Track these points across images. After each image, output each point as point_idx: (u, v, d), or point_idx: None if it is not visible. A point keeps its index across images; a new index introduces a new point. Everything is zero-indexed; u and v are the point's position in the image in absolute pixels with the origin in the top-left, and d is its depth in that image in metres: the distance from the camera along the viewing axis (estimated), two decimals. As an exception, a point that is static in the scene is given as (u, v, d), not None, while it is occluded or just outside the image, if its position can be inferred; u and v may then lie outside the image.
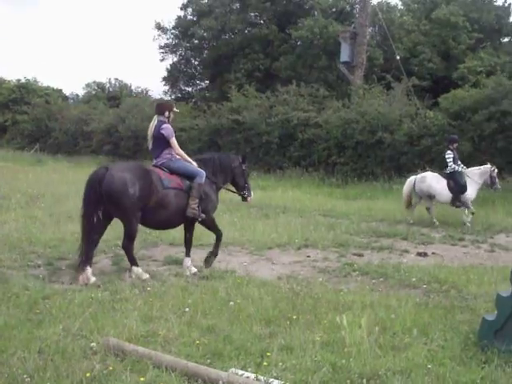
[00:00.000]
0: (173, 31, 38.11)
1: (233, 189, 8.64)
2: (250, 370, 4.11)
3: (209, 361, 4.33)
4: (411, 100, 22.88)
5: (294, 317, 5.34)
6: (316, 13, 32.35)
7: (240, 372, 3.99)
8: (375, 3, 30.03)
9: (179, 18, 37.68)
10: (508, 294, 4.37)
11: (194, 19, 36.60)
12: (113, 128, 31.58)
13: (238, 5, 35.12)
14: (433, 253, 9.64)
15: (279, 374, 4.07)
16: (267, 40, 32.77)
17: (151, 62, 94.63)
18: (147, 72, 77.63)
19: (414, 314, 5.38)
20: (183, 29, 36.87)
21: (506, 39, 34.06)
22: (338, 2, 31.96)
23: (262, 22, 34.96)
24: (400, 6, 35.27)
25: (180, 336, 4.84)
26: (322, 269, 8.09)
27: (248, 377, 3.92)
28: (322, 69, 30.23)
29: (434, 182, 13.06)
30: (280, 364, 4.22)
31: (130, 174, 7.13)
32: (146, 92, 42.53)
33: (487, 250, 10.02)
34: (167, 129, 7.66)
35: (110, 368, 4.12)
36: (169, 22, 41.97)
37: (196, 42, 37.06)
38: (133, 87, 44.99)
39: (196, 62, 38.70)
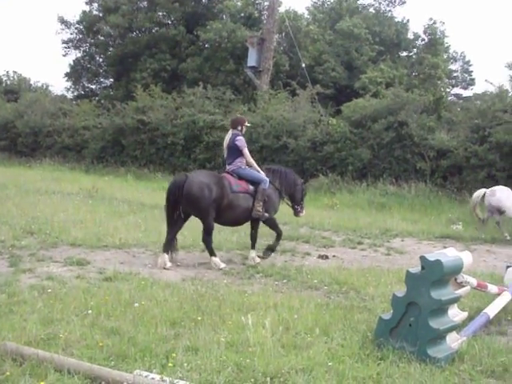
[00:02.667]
0: (77, 26, 37.03)
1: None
2: (155, 371, 4.11)
3: (113, 363, 4.28)
4: (315, 107, 23.48)
5: (199, 318, 5.37)
6: (224, 16, 32.56)
7: (145, 373, 3.97)
8: (283, 11, 30.61)
9: (84, 12, 36.62)
10: (403, 294, 4.62)
11: (100, 15, 35.72)
12: (10, 123, 30.25)
13: (145, 3, 34.64)
14: (333, 256, 9.96)
15: (184, 374, 4.09)
16: (175, 41, 32.54)
17: (53, 57, 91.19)
18: (49, 67, 74.91)
19: (316, 315, 5.55)
20: (88, 24, 35.86)
21: (405, 53, 35.76)
22: (247, 7, 32.27)
23: (169, 22, 34.68)
24: (306, 15, 36.20)
25: (82, 338, 4.74)
26: (226, 271, 8.17)
27: (153, 378, 3.91)
28: (229, 72, 30.43)
29: (504, 196, 12.66)
30: (185, 365, 4.24)
31: (206, 179, 8.45)
32: (47, 87, 41.13)
33: (384, 253, 10.47)
34: (241, 141, 8.89)
35: (7, 373, 3.98)
36: (73, 16, 40.84)
37: (101, 38, 36.17)
38: (32, 81, 43.37)
39: (101, 59, 37.71)
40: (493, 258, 10.66)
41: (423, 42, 34.85)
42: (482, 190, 13.07)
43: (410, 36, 35.17)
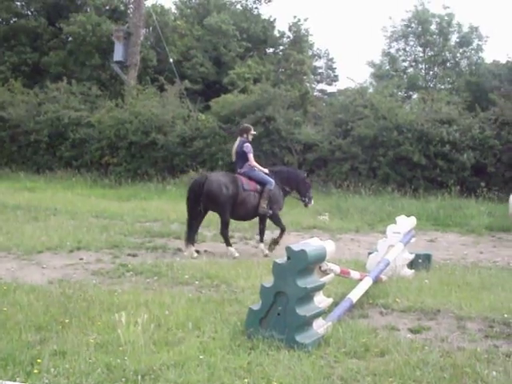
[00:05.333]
0: None
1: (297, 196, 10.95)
2: (19, 379, 3.91)
3: (-27, 373, 4.03)
4: (184, 102, 23.41)
5: (67, 320, 5.18)
6: (89, 9, 31.46)
7: (8, 383, 3.77)
8: (149, 5, 30.19)
9: None
10: (270, 284, 4.74)
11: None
12: None
13: (2, -8, 32.69)
14: (205, 250, 10.02)
15: (51, 380, 3.93)
16: (36, 33, 30.88)
17: None
18: None
19: (187, 310, 5.55)
20: None
21: (271, 50, 36.60)
22: (112, 0, 31.44)
23: (29, 13, 32.97)
24: (174, 10, 35.91)
25: None
26: (95, 271, 7.94)
27: (17, 386, 3.73)
28: (95, 67, 29.51)
29: None
30: (52, 370, 4.08)
31: (224, 179, 9.68)
32: None
33: (254, 246, 10.69)
34: (247, 147, 10.04)
35: None
36: None
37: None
38: None
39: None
40: (356, 245, 11.24)
41: (289, 40, 35.83)
42: None
43: (277, 33, 36.03)
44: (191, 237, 9.62)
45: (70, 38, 30.76)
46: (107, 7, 31.67)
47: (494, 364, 4.19)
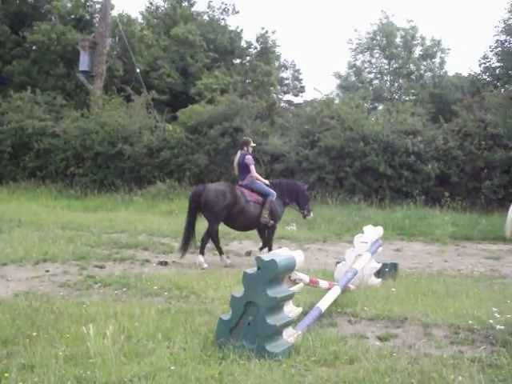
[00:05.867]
0: None
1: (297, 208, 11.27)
2: (-15, 394, 3.86)
3: None
4: (151, 113, 23.37)
5: (34, 333, 5.10)
6: (53, 18, 31.21)
7: (-25, 397, 3.72)
8: (115, 14, 30.08)
9: None
10: (240, 294, 4.76)
11: None
12: None
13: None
14: (173, 261, 10.00)
15: (20, 393, 3.89)
16: (-2, 41, 30.56)
17: None
18: None
19: (157, 321, 5.53)
20: None
21: (238, 60, 36.78)
22: (77, 9, 31.19)
23: (-8, 21, 32.50)
24: (140, 20, 35.84)
25: None
26: (62, 283, 7.86)
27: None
28: (60, 76, 29.26)
29: None
30: None
31: (221, 188, 10.00)
32: None
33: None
34: (249, 159, 10.38)
35: None
36: None
37: None
38: None
39: None
40: (324, 255, 11.35)
41: (256, 51, 36.08)
42: None
43: (244, 44, 36.24)
44: (187, 242, 9.94)
45: (34, 47, 30.48)
46: (72, 16, 31.45)
47: (460, 369, 4.27)
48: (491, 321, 5.39)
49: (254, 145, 11.38)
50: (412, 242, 13.52)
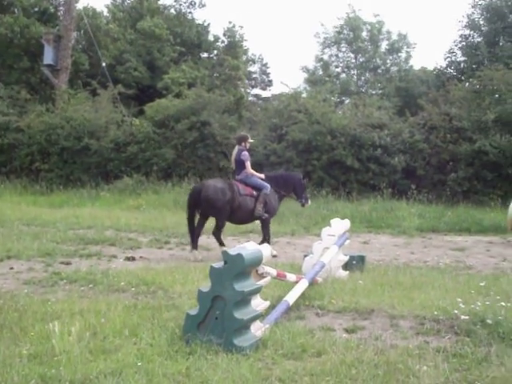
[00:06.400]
0: None
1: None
2: None
3: None
4: (117, 107, 23.15)
5: (-2, 332, 5.02)
6: (16, 10, 30.57)
7: None
8: (81, 8, 29.64)
9: None
10: (208, 289, 4.74)
11: None
12: None
13: None
14: (141, 257, 9.92)
15: (-18, 393, 3.81)
16: (-40, 35, 29.82)
17: None
18: None
19: (124, 317, 5.46)
20: None
21: (206, 54, 36.58)
22: (41, 1, 30.60)
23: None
24: (106, 13, 35.40)
25: None
26: (27, 280, 7.71)
27: None
28: (24, 70, 28.70)
29: None
30: (-18, 383, 3.95)
31: (220, 185, 10.14)
32: None
33: (190, 251, 10.65)
34: (245, 155, 10.54)
35: None
36: None
37: None
38: None
39: None
40: (292, 249, 11.39)
41: (223, 44, 35.92)
42: None
43: (211, 38, 36.04)
44: (194, 242, 10.14)
45: (-4, 41, 29.77)
46: (36, 9, 30.83)
47: (425, 359, 4.32)
48: (456, 311, 5.47)
49: (252, 141, 11.69)
50: (379, 235, 13.65)
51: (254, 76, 42.88)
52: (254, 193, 10.45)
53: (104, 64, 26.28)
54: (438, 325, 5.31)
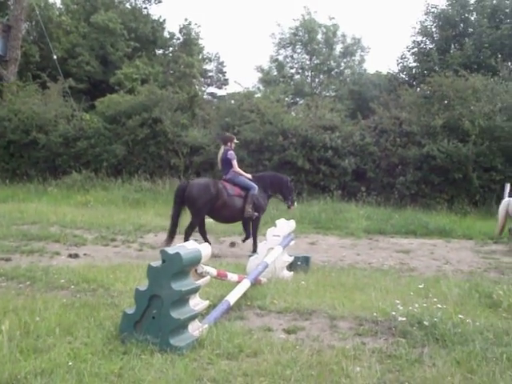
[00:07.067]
0: None
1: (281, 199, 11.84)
2: None
3: None
4: (68, 101, 22.71)
5: None
6: (-36, -1, 29.74)
7: None
8: (32, -2, 28.92)
9: None
10: (145, 287, 4.67)
11: None
12: None
13: None
14: (85, 254, 9.74)
15: None
16: None
17: None
18: None
19: (60, 315, 5.34)
20: None
21: (161, 51, 36.23)
22: (-9, -10, 29.85)
23: None
24: (59, 5, 34.65)
25: None
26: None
27: None
28: (-29, 61, 27.88)
29: None
30: None
31: (203, 183, 10.46)
32: None
33: (136, 249, 10.55)
34: (231, 154, 10.81)
35: None
36: None
37: None
38: None
39: None
40: (239, 248, 11.38)
41: (179, 42, 35.66)
42: (506, 200, 13.26)
43: (166, 35, 35.73)
44: (172, 236, 10.33)
45: None
46: (-15, -2, 30.03)
47: (360, 360, 4.36)
48: (394, 312, 5.54)
49: (237, 141, 11.93)
50: (327, 236, 13.76)
51: (209, 74, 42.72)
52: (242, 193, 10.68)
53: (55, 57, 25.72)
54: (376, 326, 5.37)
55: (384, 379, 4.02)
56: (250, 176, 11.00)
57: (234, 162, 10.83)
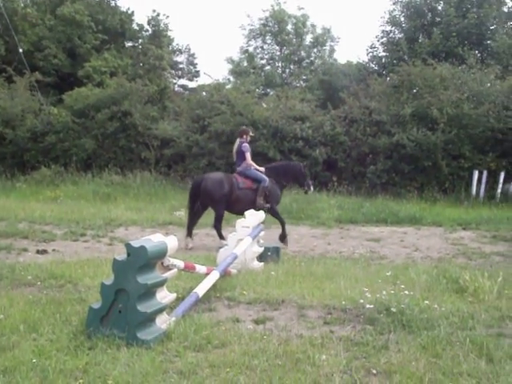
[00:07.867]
0: None
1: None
2: None
3: None
4: (35, 95, 22.37)
5: None
6: None
7: None
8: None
9: None
10: (111, 282, 4.63)
11: None
12: None
13: None
14: (53, 250, 9.63)
15: None
16: None
17: None
18: None
19: (26, 312, 5.27)
20: None
21: (130, 43, 35.79)
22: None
23: None
24: (24, -3, 33.95)
25: None
26: None
27: None
28: None
29: None
30: None
31: (219, 178, 10.75)
32: None
33: (106, 244, 10.46)
34: (245, 147, 11.06)
35: None
36: None
37: None
38: None
39: None
40: (211, 240, 11.36)
41: (148, 34, 35.25)
42: None
43: (135, 27, 35.27)
44: (190, 230, 10.76)
45: None
46: None
47: (327, 348, 4.38)
48: (362, 300, 5.58)
49: (253, 134, 12.22)
50: (299, 226, 13.79)
51: (180, 66, 42.35)
52: (254, 185, 10.90)
53: (21, 50, 25.28)
54: (344, 314, 5.41)
55: (350, 366, 4.04)
56: (262, 169, 11.20)
57: (247, 155, 11.06)
